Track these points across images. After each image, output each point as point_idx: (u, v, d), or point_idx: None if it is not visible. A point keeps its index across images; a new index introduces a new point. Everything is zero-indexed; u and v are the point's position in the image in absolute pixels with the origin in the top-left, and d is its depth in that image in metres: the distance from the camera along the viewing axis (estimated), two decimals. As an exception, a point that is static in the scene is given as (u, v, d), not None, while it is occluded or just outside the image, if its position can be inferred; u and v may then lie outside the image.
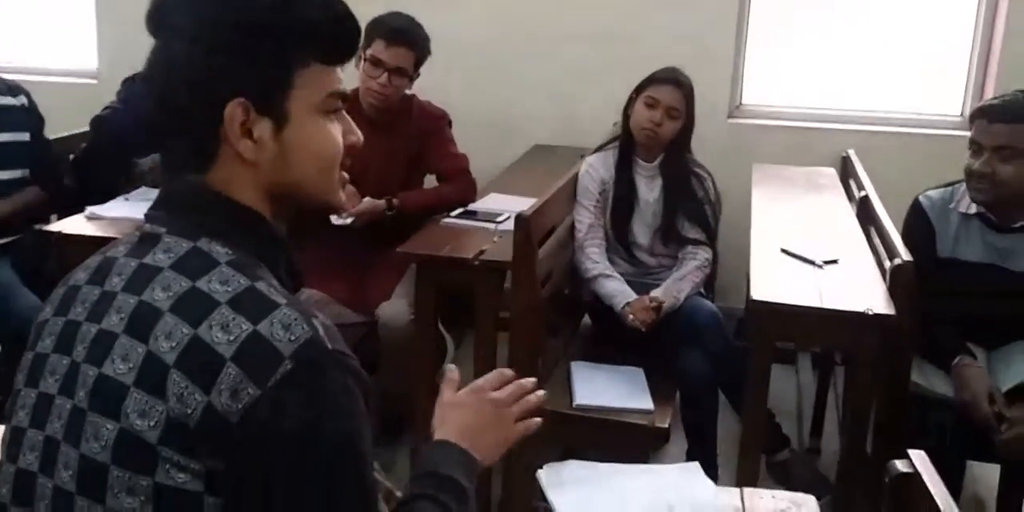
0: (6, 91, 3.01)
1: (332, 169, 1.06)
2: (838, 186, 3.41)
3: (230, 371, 0.88)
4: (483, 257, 2.63)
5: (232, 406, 0.87)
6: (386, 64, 2.93)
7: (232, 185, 1.01)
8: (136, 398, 0.90)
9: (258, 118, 0.99)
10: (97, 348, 0.95)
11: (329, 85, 1.03)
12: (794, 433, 3.11)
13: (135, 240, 1.03)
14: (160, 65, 1.01)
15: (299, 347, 0.90)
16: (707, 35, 3.84)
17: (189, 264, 0.96)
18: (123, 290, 0.97)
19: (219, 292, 0.93)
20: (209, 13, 0.99)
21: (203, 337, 0.90)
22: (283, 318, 0.91)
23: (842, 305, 2.27)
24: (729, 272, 3.23)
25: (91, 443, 0.91)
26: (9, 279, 2.80)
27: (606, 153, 2.97)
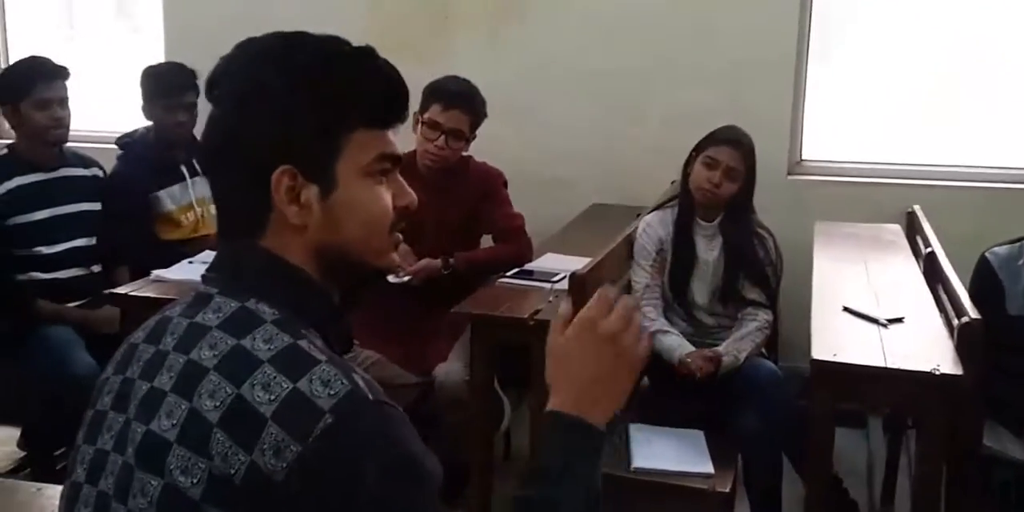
0: (79, 163, 3.13)
1: (381, 232, 1.05)
2: (903, 243, 3.33)
3: (271, 430, 0.88)
4: (539, 317, 2.61)
5: (277, 465, 0.87)
6: (443, 126, 2.97)
7: (284, 248, 1.02)
8: (179, 455, 0.91)
9: (305, 183, 1.00)
10: (147, 406, 0.96)
11: (378, 148, 1.04)
12: (865, 499, 3.00)
13: (189, 300, 1.05)
14: (212, 132, 1.04)
15: (339, 401, 0.90)
16: (764, 90, 3.83)
17: (235, 323, 0.97)
18: (174, 349, 0.99)
19: (262, 350, 0.94)
20: (257, 80, 1.01)
21: (245, 396, 0.90)
22: (322, 374, 0.92)
23: (908, 365, 2.19)
24: (792, 331, 3.15)
25: (138, 499, 0.92)
26: (69, 340, 2.86)
27: (664, 212, 2.95)
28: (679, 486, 2.41)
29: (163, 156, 3.30)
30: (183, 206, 3.35)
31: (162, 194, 3.29)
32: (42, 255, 2.95)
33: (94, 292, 3.06)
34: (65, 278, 3.02)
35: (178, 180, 3.33)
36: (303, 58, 1.02)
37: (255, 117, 1.00)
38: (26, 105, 2.90)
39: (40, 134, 2.93)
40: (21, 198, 2.91)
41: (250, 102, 1.01)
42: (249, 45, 1.04)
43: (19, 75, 2.95)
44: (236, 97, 1.02)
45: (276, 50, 1.03)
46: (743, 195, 2.83)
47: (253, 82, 1.01)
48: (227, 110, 1.03)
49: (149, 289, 2.82)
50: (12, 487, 1.68)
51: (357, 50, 1.04)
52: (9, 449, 3.31)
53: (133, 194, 3.26)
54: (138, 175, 3.27)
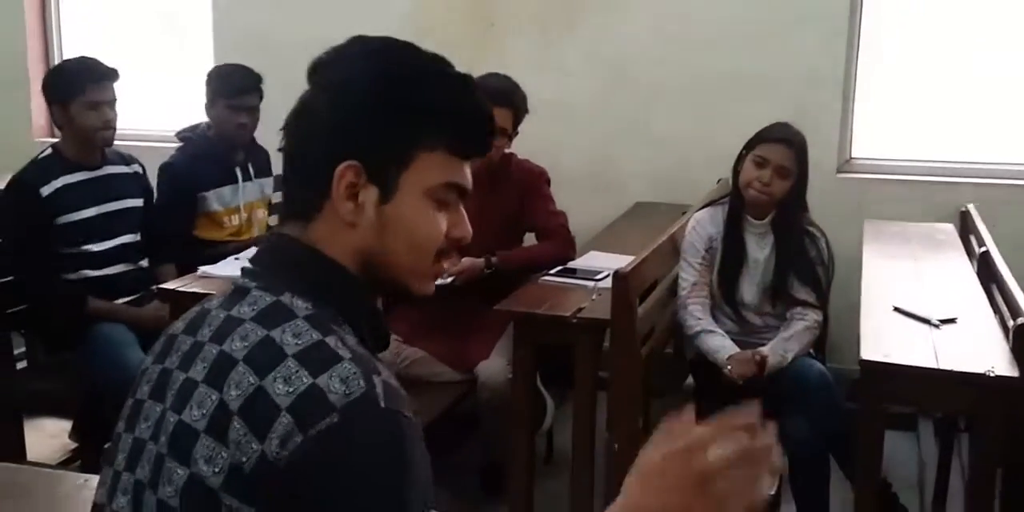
0: (121, 161, 3.17)
1: (425, 255, 1.05)
2: (956, 242, 3.26)
3: (283, 420, 0.89)
4: (581, 315, 2.59)
5: (280, 454, 0.89)
6: None
7: (328, 241, 1.03)
8: (204, 444, 0.92)
9: (367, 184, 1.01)
10: (181, 396, 0.98)
11: (449, 175, 1.05)
12: (915, 504, 2.93)
13: (229, 292, 1.06)
14: (299, 113, 1.06)
15: (349, 402, 0.90)
16: (814, 86, 3.77)
17: (268, 316, 0.99)
18: (209, 340, 1.00)
19: (289, 344, 0.95)
20: (359, 73, 1.04)
21: (267, 388, 0.92)
22: (343, 372, 0.92)
23: (960, 366, 2.15)
24: (841, 332, 3.10)
25: (166, 487, 0.94)
26: (123, 336, 2.90)
27: (715, 209, 2.90)
28: (724, 488, 2.37)
29: (220, 156, 3.33)
30: (230, 208, 3.38)
31: (211, 194, 3.33)
32: (91, 253, 2.99)
33: (142, 288, 3.10)
34: (114, 274, 3.05)
35: (230, 182, 3.36)
36: (409, 66, 1.05)
37: (343, 107, 1.02)
38: (76, 106, 2.93)
39: (89, 135, 2.96)
40: (68, 197, 2.94)
41: (344, 92, 1.03)
42: (362, 41, 1.07)
43: (70, 75, 2.97)
44: (335, 87, 1.04)
45: (387, 52, 1.06)
46: (794, 193, 2.77)
47: (354, 74, 1.04)
48: (320, 95, 1.05)
49: (196, 285, 2.84)
50: (59, 478, 1.70)
51: (461, 75, 1.08)
52: (61, 441, 3.37)
53: (182, 190, 3.30)
54: (191, 171, 3.31)
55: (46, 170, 2.94)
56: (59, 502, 1.54)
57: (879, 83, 3.89)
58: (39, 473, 1.80)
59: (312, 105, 1.05)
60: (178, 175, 3.31)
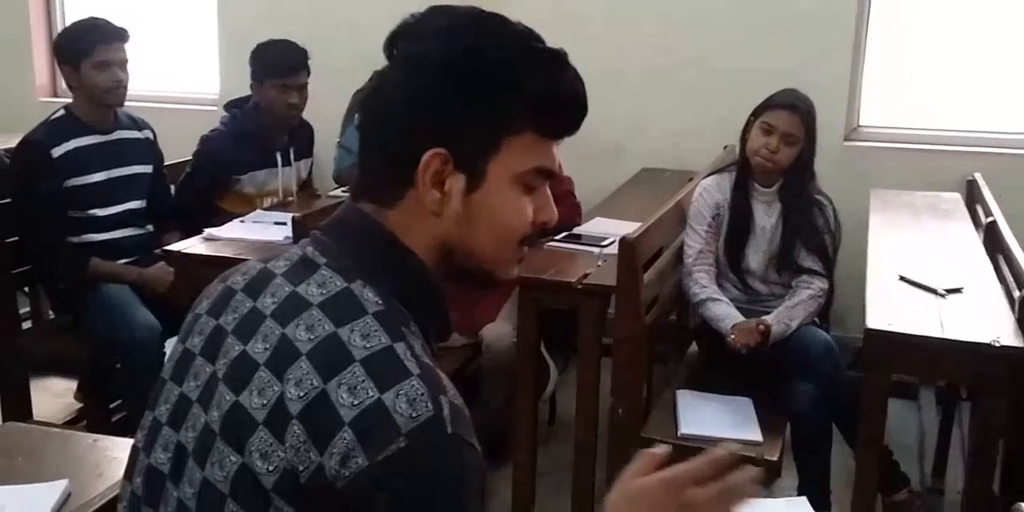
0: (133, 125, 3.14)
1: (511, 242, 1.01)
2: (963, 212, 3.25)
3: (345, 436, 0.86)
4: (587, 281, 2.59)
5: (340, 472, 0.85)
6: None
7: (408, 228, 0.98)
8: (262, 437, 0.89)
9: (454, 172, 0.96)
10: (238, 372, 0.94)
11: (539, 159, 0.99)
12: (915, 472, 2.96)
13: (295, 259, 1.00)
14: (378, 91, 0.99)
15: (417, 426, 0.86)
16: (822, 53, 3.74)
17: (337, 307, 0.93)
18: (272, 315, 0.95)
19: (357, 347, 0.90)
20: (444, 52, 0.96)
21: (330, 394, 0.87)
22: (410, 391, 0.88)
23: (966, 336, 2.15)
24: (845, 300, 3.10)
25: (215, 469, 0.91)
26: (127, 297, 2.90)
27: (722, 176, 2.88)
28: (726, 454, 2.39)
29: (263, 138, 3.29)
30: (264, 191, 3.34)
31: (245, 177, 3.29)
32: (96, 217, 2.99)
33: (146, 251, 3.09)
34: (119, 238, 3.05)
35: (269, 165, 3.32)
36: (498, 40, 0.97)
37: (428, 90, 0.95)
38: (86, 66, 2.90)
39: (99, 96, 2.94)
40: (79, 160, 2.92)
41: (428, 74, 0.95)
42: (443, 12, 0.99)
43: (80, 36, 2.94)
44: (416, 63, 0.96)
45: (473, 26, 0.98)
46: (802, 161, 2.75)
47: (439, 53, 0.95)
48: (402, 74, 0.97)
49: (201, 247, 2.84)
50: (70, 438, 1.71)
51: (553, 52, 1.00)
52: (67, 401, 3.39)
53: (216, 168, 3.26)
54: (231, 152, 3.25)
55: (58, 131, 2.92)
56: (72, 461, 1.54)
57: (888, 51, 3.85)
58: (48, 432, 1.81)
59: (394, 85, 0.97)
60: (217, 152, 3.26)
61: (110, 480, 1.45)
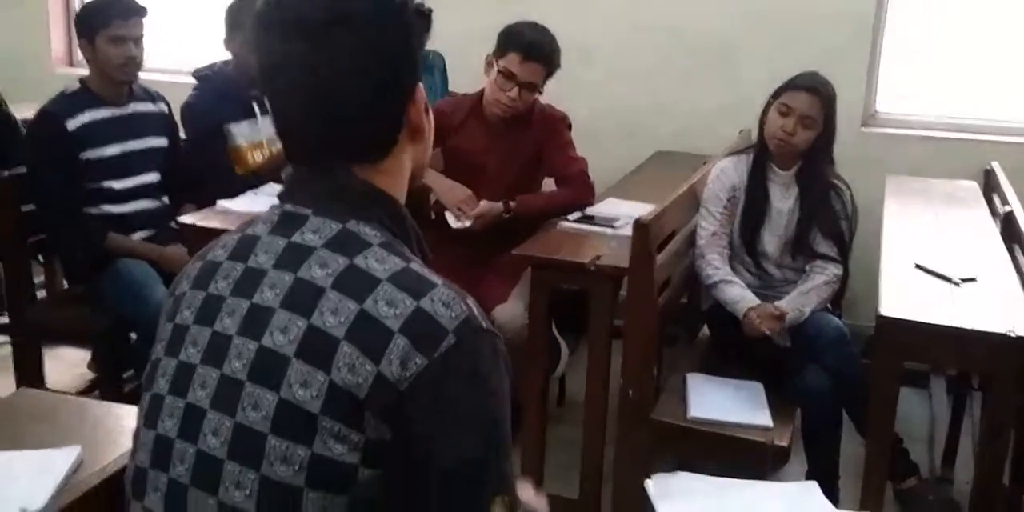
0: (148, 98, 3.15)
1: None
2: (980, 201, 3.23)
3: (399, 342, 0.92)
4: (599, 262, 2.59)
5: (402, 375, 0.91)
6: (518, 78, 2.93)
7: (390, 172, 1.06)
8: (298, 369, 0.93)
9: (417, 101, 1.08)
10: (252, 322, 0.98)
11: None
12: (925, 460, 2.95)
13: (275, 219, 1.05)
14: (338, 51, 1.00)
15: (460, 323, 0.94)
16: (841, 39, 3.70)
17: (342, 243, 1.00)
18: (275, 267, 1.00)
19: (378, 270, 0.97)
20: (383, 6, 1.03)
21: (370, 311, 0.94)
22: (443, 296, 0.96)
23: (980, 325, 2.14)
24: (859, 287, 3.08)
25: (248, 412, 0.95)
26: (147, 272, 2.91)
27: (739, 158, 2.85)
28: (735, 437, 2.39)
29: (239, 91, 3.29)
30: (253, 143, 3.35)
31: (233, 128, 3.30)
32: (112, 190, 2.99)
33: (162, 224, 3.10)
34: (135, 211, 3.05)
35: (249, 116, 3.34)
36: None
37: (397, 36, 1.03)
38: (101, 40, 2.90)
39: (110, 70, 2.94)
40: (94, 133, 2.93)
41: (384, 27, 1.02)
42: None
43: (98, 10, 2.95)
44: (368, 25, 1.01)
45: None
46: (820, 144, 2.72)
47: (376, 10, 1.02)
48: (357, 30, 1.00)
49: (215, 220, 2.84)
50: (84, 405, 1.72)
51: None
52: (80, 371, 3.41)
53: (207, 125, 3.27)
54: (212, 107, 3.28)
55: (73, 104, 2.93)
56: (85, 428, 1.55)
57: (907, 38, 3.81)
58: (61, 399, 1.82)
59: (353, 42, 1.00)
60: (202, 112, 3.28)
61: (122, 447, 1.45)
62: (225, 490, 0.94)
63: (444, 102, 3.36)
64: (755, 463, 2.38)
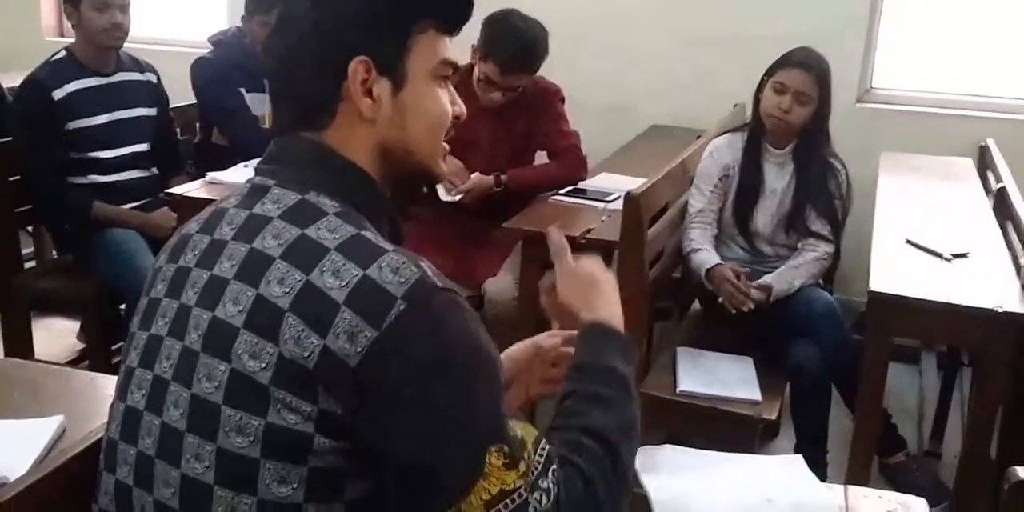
0: (136, 68, 3.11)
1: (440, 134, 1.09)
2: (974, 177, 3.22)
3: (345, 315, 0.90)
4: (590, 236, 2.58)
5: (350, 349, 0.89)
6: (500, 85, 2.91)
7: (346, 143, 1.04)
8: (246, 340, 0.92)
9: (378, 78, 1.02)
10: (209, 293, 0.97)
11: (443, 52, 1.07)
12: (914, 436, 2.97)
13: (245, 191, 1.06)
14: (284, 24, 1.05)
15: (409, 287, 0.91)
16: (838, 14, 3.67)
17: (298, 214, 0.99)
18: (233, 239, 1.00)
19: (327, 239, 0.95)
20: None
21: (315, 283, 0.92)
22: (391, 262, 0.93)
23: (970, 301, 2.14)
24: (851, 263, 3.08)
25: (203, 383, 0.94)
26: (135, 242, 2.90)
27: (734, 136, 2.82)
28: (724, 411, 2.39)
29: (253, 64, 3.26)
30: (265, 114, 3.32)
31: (248, 95, 3.27)
32: (100, 159, 2.96)
33: (151, 194, 3.08)
34: (123, 180, 3.03)
35: (259, 90, 3.29)
36: None
37: (336, 9, 1.02)
38: (86, 6, 2.86)
39: (96, 37, 2.90)
40: (80, 102, 2.90)
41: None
42: None
43: None
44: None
45: None
46: (816, 121, 2.69)
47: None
48: (306, 5, 1.03)
49: (203, 190, 2.83)
50: (68, 375, 1.72)
51: None
52: (69, 341, 3.41)
53: (220, 80, 3.26)
54: (226, 68, 3.27)
55: (59, 73, 2.89)
56: (69, 398, 1.55)
57: (903, 14, 3.78)
58: (47, 369, 1.81)
59: (301, 17, 1.03)
60: (216, 69, 3.28)
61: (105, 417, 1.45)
62: (187, 462, 0.94)
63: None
64: (743, 437, 2.38)
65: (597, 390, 1.07)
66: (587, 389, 1.07)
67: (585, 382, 1.08)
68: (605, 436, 1.02)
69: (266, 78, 1.09)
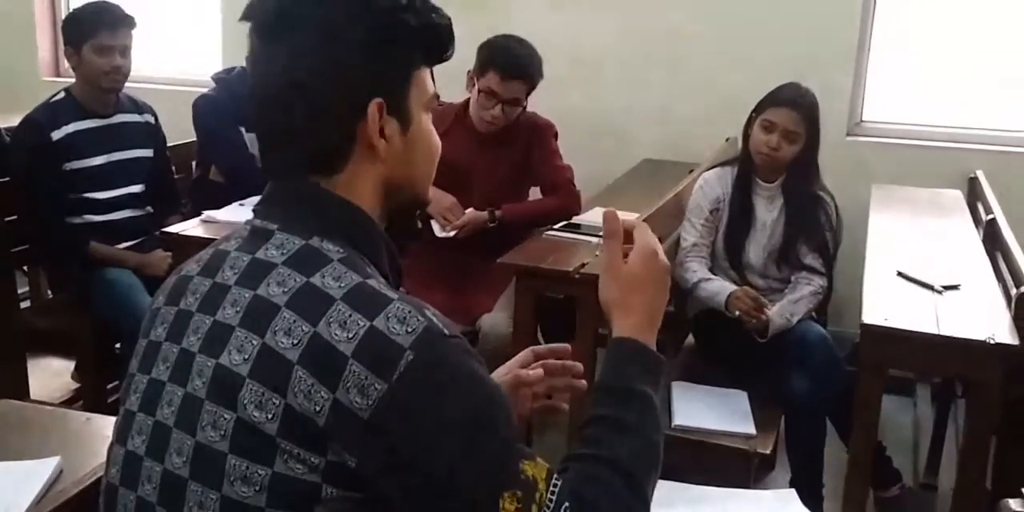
0: (134, 109, 3.13)
1: (436, 163, 1.13)
2: (964, 209, 3.25)
3: (354, 369, 0.90)
4: (584, 270, 2.57)
5: (361, 402, 0.89)
6: (500, 96, 2.94)
7: (353, 185, 1.04)
8: (252, 389, 0.92)
9: (388, 118, 1.04)
10: (212, 339, 0.97)
11: (432, 86, 1.10)
12: (909, 468, 2.96)
13: (245, 234, 1.05)
14: (296, 65, 1.01)
15: (417, 337, 0.92)
16: (826, 48, 3.72)
17: (302, 260, 0.98)
18: (237, 284, 0.99)
19: (333, 288, 0.95)
20: (347, 13, 1.01)
21: (323, 334, 0.92)
22: (397, 312, 0.93)
23: (961, 333, 2.15)
24: (844, 295, 3.09)
25: (208, 431, 0.94)
26: (131, 281, 2.90)
27: (724, 170, 2.86)
28: (719, 445, 2.40)
29: None
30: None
31: (247, 134, 3.27)
32: (96, 200, 2.98)
33: (147, 233, 3.09)
34: (120, 220, 3.05)
35: None
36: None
37: (345, 53, 1.01)
38: (87, 49, 2.89)
39: (95, 79, 2.93)
40: (79, 143, 2.92)
41: (336, 39, 1.01)
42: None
43: (85, 18, 2.94)
44: (319, 34, 1.01)
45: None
46: (805, 156, 2.73)
47: (340, 16, 1.01)
48: (310, 46, 1.01)
49: (200, 229, 2.84)
50: (63, 416, 1.71)
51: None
52: (64, 380, 3.40)
53: (222, 118, 3.27)
54: (228, 105, 3.28)
55: (58, 114, 2.92)
56: (64, 438, 1.55)
57: (893, 46, 3.84)
58: (42, 410, 1.81)
59: (302, 59, 1.01)
60: (218, 106, 3.29)
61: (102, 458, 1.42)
62: (189, 510, 0.94)
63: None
64: (738, 471, 2.38)
65: (619, 416, 1.06)
66: (609, 414, 1.06)
67: (608, 407, 1.07)
68: (624, 467, 1.02)
69: (259, 122, 1.06)
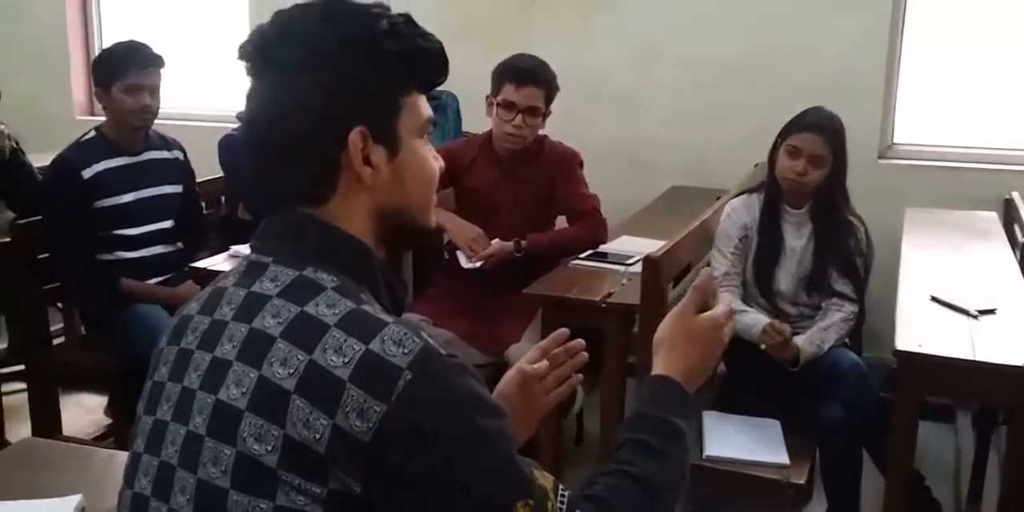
0: (163, 146, 3.18)
1: (433, 189, 1.12)
2: (999, 231, 3.19)
3: (352, 393, 0.89)
4: (611, 300, 2.57)
5: (362, 426, 0.89)
6: (518, 105, 2.95)
7: (345, 213, 1.04)
8: (251, 422, 0.92)
9: (374, 145, 1.03)
10: (212, 376, 0.97)
11: (425, 111, 1.10)
12: (951, 497, 2.88)
13: (242, 270, 1.06)
14: (275, 100, 1.03)
15: (414, 358, 0.92)
16: (856, 70, 3.70)
17: (296, 291, 0.98)
18: (233, 319, 0.99)
19: (327, 315, 0.95)
20: (323, 45, 1.02)
21: (319, 362, 0.91)
22: (393, 334, 0.93)
23: (998, 358, 2.10)
24: (878, 320, 3.04)
25: (209, 468, 0.93)
26: (161, 315, 2.92)
27: (750, 197, 2.82)
28: (752, 476, 2.35)
29: None
30: None
31: None
32: (126, 236, 3.02)
33: (176, 269, 3.12)
34: (149, 256, 3.08)
35: None
36: (363, 20, 1.04)
37: (323, 83, 1.01)
38: (117, 89, 2.94)
39: (125, 118, 2.97)
40: (109, 181, 2.96)
41: (317, 68, 1.01)
42: (295, 13, 1.05)
43: (115, 59, 2.99)
44: (297, 67, 1.02)
45: (335, 15, 1.04)
46: (832, 181, 2.68)
47: (316, 49, 1.02)
48: (291, 77, 1.02)
49: (227, 264, 2.87)
50: (89, 453, 1.72)
51: (404, 16, 1.07)
52: (97, 416, 3.42)
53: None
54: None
55: (89, 153, 2.97)
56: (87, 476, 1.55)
57: (923, 68, 3.80)
58: (67, 447, 1.82)
59: (286, 89, 1.02)
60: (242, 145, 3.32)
61: (123, 496, 1.45)
62: None
63: (455, 143, 3.38)
64: (772, 502, 2.34)
65: (649, 440, 1.07)
66: (640, 438, 1.08)
67: (640, 431, 1.09)
68: (646, 480, 1.03)
69: (250, 156, 1.07)
